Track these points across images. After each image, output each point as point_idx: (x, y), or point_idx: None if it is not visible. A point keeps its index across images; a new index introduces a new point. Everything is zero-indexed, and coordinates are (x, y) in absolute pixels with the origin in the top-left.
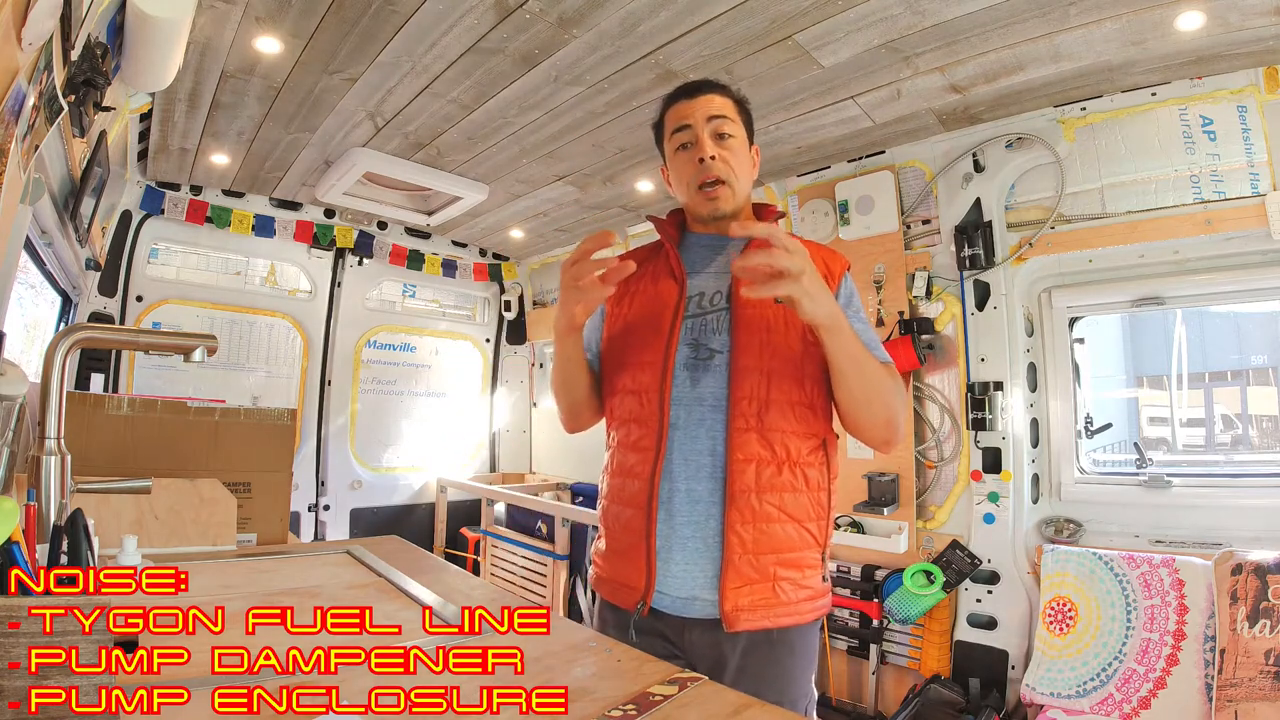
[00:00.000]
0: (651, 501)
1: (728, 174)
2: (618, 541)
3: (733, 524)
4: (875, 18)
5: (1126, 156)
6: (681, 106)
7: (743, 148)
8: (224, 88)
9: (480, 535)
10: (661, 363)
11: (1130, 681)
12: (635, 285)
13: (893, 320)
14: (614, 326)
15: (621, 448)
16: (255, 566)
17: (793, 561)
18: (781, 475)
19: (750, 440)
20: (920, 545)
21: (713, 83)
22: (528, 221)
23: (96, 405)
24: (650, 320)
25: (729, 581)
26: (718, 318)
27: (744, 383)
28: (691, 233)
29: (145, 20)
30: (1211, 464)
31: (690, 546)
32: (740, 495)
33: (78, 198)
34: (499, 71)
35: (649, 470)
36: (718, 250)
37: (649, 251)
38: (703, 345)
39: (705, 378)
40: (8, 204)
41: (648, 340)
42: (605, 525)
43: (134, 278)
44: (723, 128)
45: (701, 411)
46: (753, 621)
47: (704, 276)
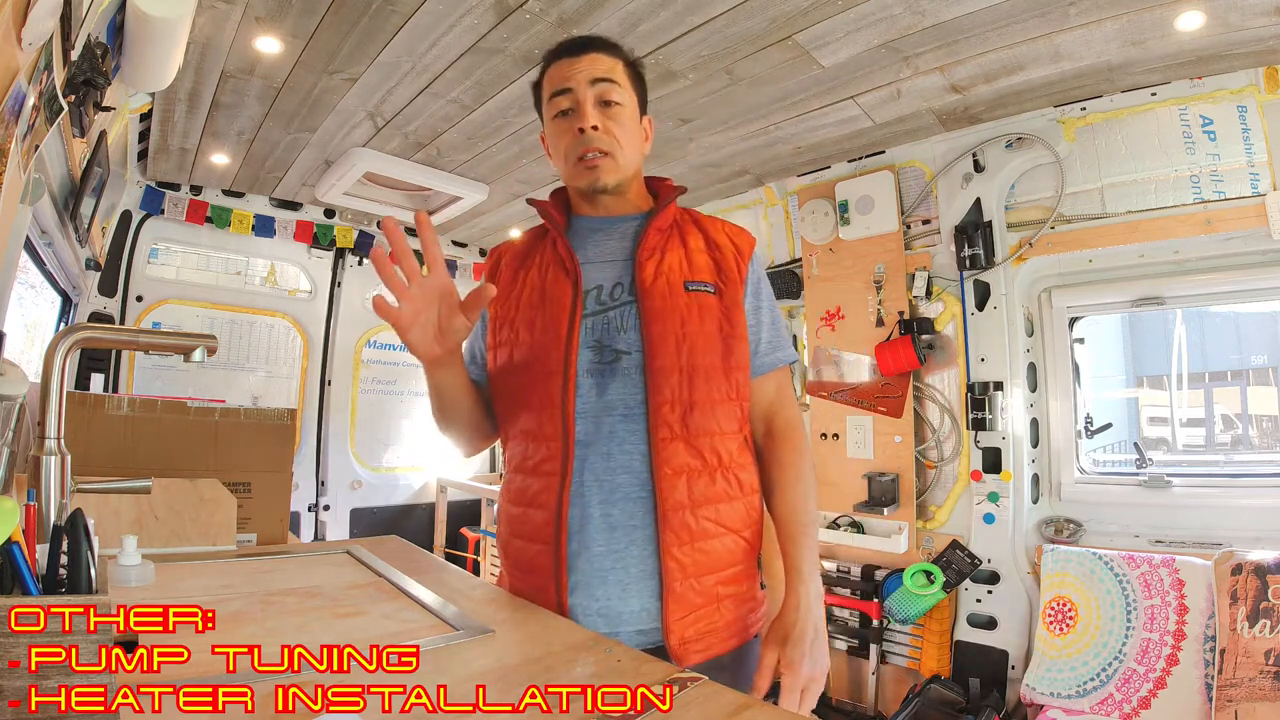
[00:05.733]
0: (560, 535)
1: (611, 145)
2: (523, 584)
3: (669, 547)
4: (875, 18)
5: (1126, 156)
6: (563, 66)
7: (632, 118)
8: (224, 88)
9: (480, 535)
10: (561, 371)
11: (1130, 681)
12: (520, 281)
13: (893, 320)
14: (499, 333)
15: (520, 472)
16: (255, 566)
17: (733, 577)
18: (715, 484)
19: (677, 450)
20: (920, 545)
21: (600, 40)
22: (528, 222)
23: (96, 405)
24: (543, 322)
25: (672, 613)
26: (621, 313)
27: (663, 385)
28: (578, 215)
29: (145, 20)
30: (1211, 464)
31: (612, 579)
32: (673, 513)
33: (78, 198)
34: (499, 71)
35: (554, 499)
36: (610, 234)
37: (531, 240)
38: (607, 347)
39: (613, 383)
40: (8, 204)
41: (542, 345)
42: (506, 562)
43: (134, 278)
44: (609, 93)
45: (612, 423)
46: (703, 652)
47: (599, 266)
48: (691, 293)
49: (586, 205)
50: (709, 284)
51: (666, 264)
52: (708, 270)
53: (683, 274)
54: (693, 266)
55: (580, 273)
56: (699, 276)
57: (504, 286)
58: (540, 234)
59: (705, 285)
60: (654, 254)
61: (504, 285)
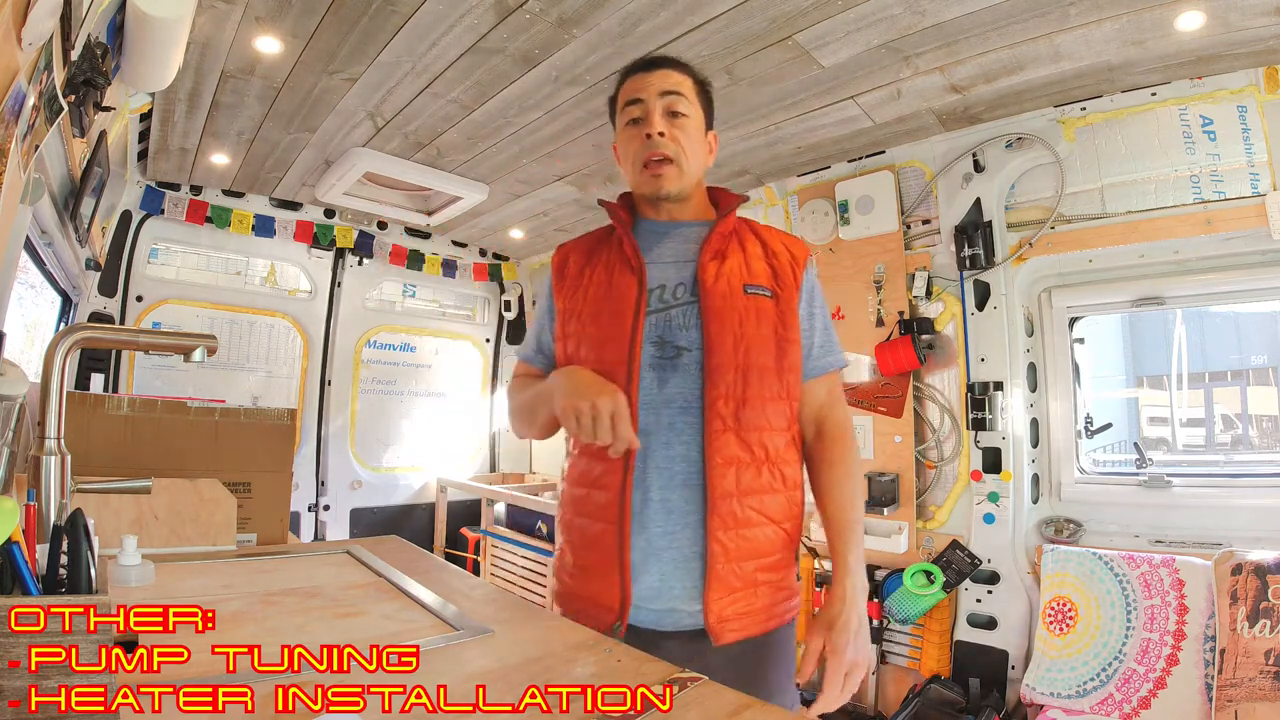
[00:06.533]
0: (624, 515)
1: (676, 152)
2: (586, 558)
3: (714, 531)
4: (875, 18)
5: (1126, 156)
6: (636, 80)
7: (697, 129)
8: (224, 88)
9: (480, 535)
10: (626, 364)
11: (1130, 681)
12: (588, 277)
13: (893, 320)
14: (567, 325)
15: (585, 456)
16: (255, 566)
17: (771, 565)
18: (761, 476)
19: (729, 442)
20: (920, 545)
21: (672, 59)
22: (528, 221)
23: (96, 405)
24: (609, 318)
25: (713, 593)
26: (683, 312)
27: (719, 381)
28: (644, 219)
29: (145, 20)
30: (1211, 464)
31: (666, 558)
32: (721, 501)
33: (78, 198)
34: (499, 71)
35: (617, 482)
36: (674, 237)
37: (596, 239)
38: (669, 343)
39: (674, 378)
40: (8, 204)
41: (608, 340)
42: (570, 540)
43: (134, 278)
44: (676, 105)
45: (671, 415)
46: (738, 631)
47: (663, 266)
48: (750, 295)
49: (651, 210)
50: (766, 288)
51: (727, 267)
52: (765, 276)
53: (742, 277)
54: (751, 271)
55: (646, 271)
56: (757, 281)
57: (571, 281)
58: (605, 234)
59: (763, 289)
60: (716, 257)
61: (571, 279)
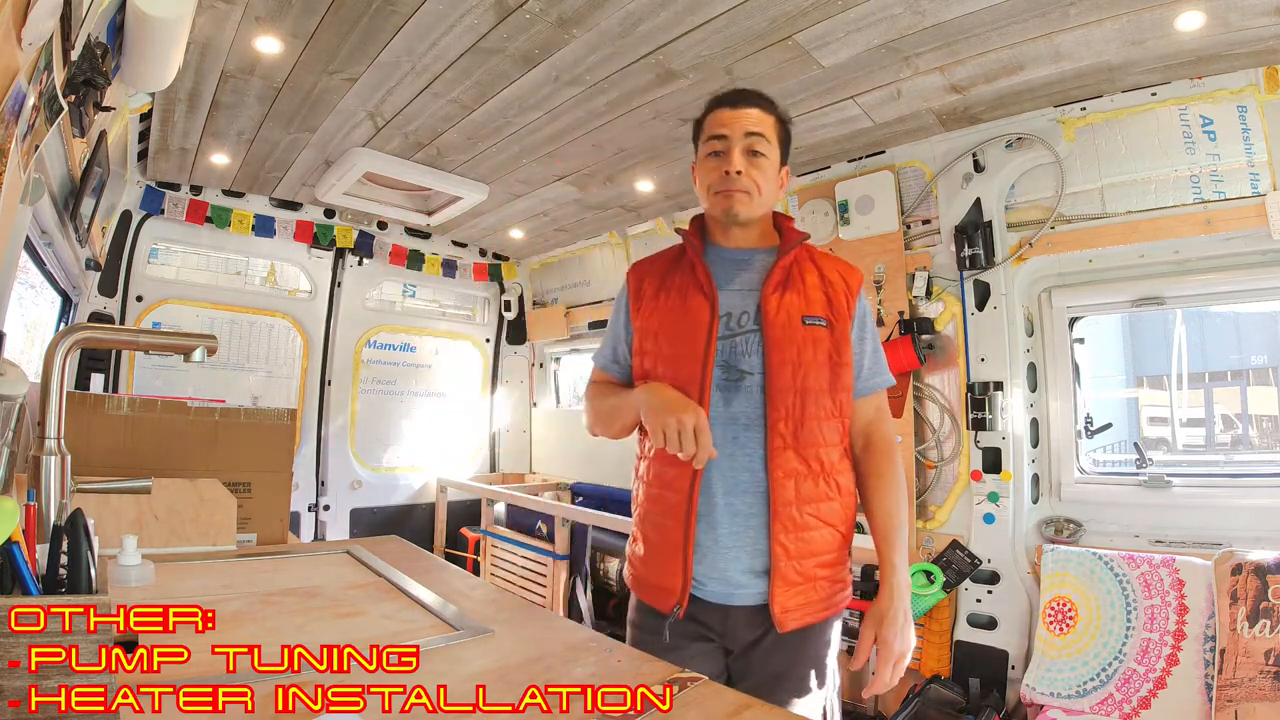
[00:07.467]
0: (690, 515)
1: (750, 187)
2: (656, 549)
3: (776, 535)
4: (875, 18)
5: (1126, 156)
6: (723, 114)
7: (772, 167)
8: (224, 88)
9: (480, 535)
10: (698, 383)
11: (1130, 681)
12: (662, 299)
13: (893, 320)
14: (644, 342)
15: (659, 460)
16: (255, 566)
17: (827, 563)
18: (818, 487)
19: (789, 457)
20: (920, 545)
21: (760, 96)
22: (528, 221)
23: (96, 405)
24: (683, 339)
25: (777, 587)
26: (747, 340)
27: (779, 403)
28: (714, 245)
29: (145, 20)
30: (1211, 464)
31: (732, 555)
32: (782, 509)
33: (78, 198)
34: (499, 71)
35: (686, 486)
36: (742, 266)
37: (669, 261)
38: (733, 367)
39: (737, 398)
40: (8, 204)
41: (683, 360)
42: (644, 532)
43: (134, 278)
44: (757, 145)
45: (735, 430)
46: (799, 619)
47: (731, 294)
48: (808, 326)
49: (720, 235)
50: (822, 318)
51: (787, 300)
52: (821, 305)
53: (800, 309)
54: (809, 302)
55: (717, 298)
56: (814, 311)
57: (649, 302)
58: (676, 255)
59: (819, 320)
60: (777, 289)
61: (648, 300)
